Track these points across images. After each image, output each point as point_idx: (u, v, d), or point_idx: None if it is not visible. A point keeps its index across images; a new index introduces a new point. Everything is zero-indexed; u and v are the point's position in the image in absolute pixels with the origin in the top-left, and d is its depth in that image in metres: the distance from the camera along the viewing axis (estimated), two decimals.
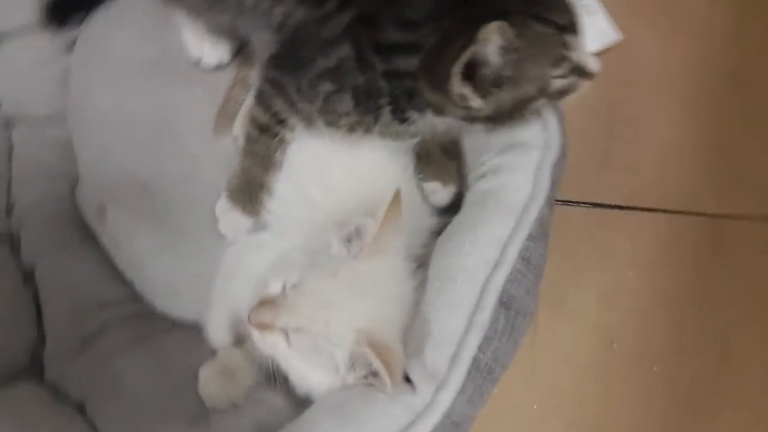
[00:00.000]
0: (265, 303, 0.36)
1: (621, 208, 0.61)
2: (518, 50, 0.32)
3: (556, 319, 0.60)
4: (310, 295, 0.36)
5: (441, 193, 0.44)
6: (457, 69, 0.31)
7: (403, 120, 0.40)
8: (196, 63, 0.49)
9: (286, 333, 0.36)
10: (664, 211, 0.62)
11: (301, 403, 0.40)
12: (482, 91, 0.33)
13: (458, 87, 0.32)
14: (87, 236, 0.52)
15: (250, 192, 0.45)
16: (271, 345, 0.36)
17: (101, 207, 0.50)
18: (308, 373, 0.36)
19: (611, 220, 0.61)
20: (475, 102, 0.33)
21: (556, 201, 0.40)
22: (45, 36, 0.52)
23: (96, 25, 0.52)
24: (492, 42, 0.30)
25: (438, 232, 0.41)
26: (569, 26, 0.34)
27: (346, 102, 0.40)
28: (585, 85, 0.35)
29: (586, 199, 0.61)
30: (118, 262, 0.50)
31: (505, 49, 0.31)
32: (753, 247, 0.62)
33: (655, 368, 0.60)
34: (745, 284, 0.62)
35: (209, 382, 0.43)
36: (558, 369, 0.60)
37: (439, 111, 0.38)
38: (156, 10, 0.48)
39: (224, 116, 0.48)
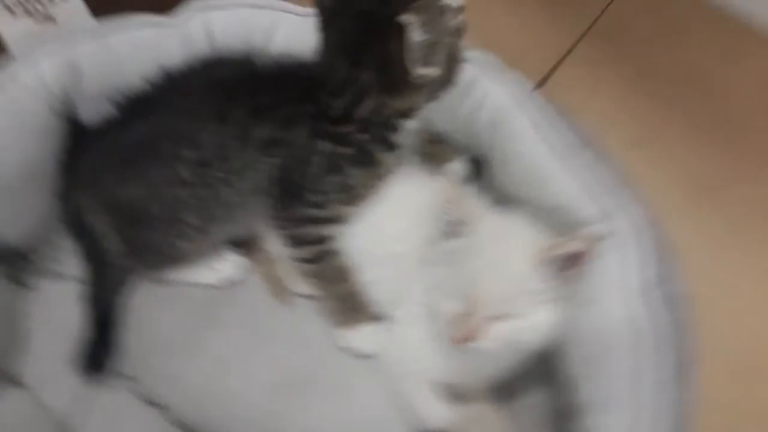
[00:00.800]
0: (452, 322, 0.40)
1: None
2: (427, 21, 0.41)
3: None
4: (472, 284, 0.39)
5: (458, 165, 0.51)
6: (408, 57, 0.39)
7: (392, 147, 0.47)
8: (223, 285, 0.53)
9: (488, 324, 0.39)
10: None
11: None
12: (438, 62, 0.41)
13: (417, 69, 0.40)
14: None
15: (353, 306, 0.49)
16: (492, 338, 0.39)
17: None
18: (533, 322, 0.39)
19: None
20: (432, 70, 0.41)
21: None
22: None
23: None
24: (414, 23, 0.39)
25: None
26: None
27: (354, 175, 0.46)
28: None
29: None
30: None
31: (423, 23, 0.40)
32: None
33: None
34: None
35: None
36: None
37: (409, 112, 0.45)
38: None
39: (280, 291, 0.52)
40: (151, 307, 0.52)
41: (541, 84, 0.65)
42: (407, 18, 0.39)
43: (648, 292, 0.41)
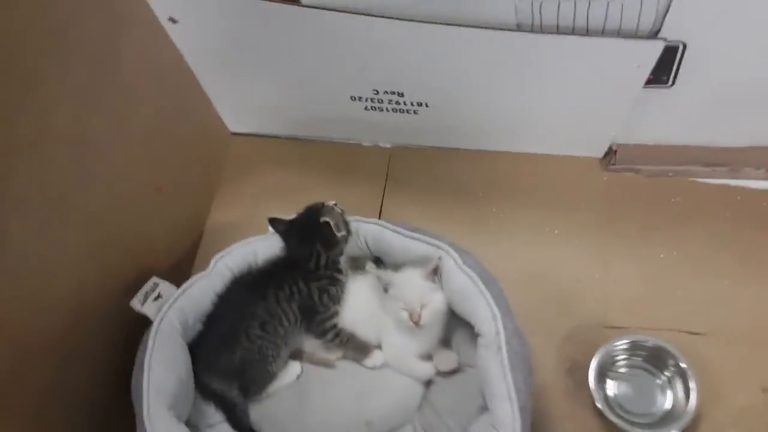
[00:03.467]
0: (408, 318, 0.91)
1: None
2: (332, 215, 0.94)
3: None
4: (406, 299, 0.91)
5: (370, 264, 1.03)
6: (334, 230, 0.92)
7: (340, 271, 0.98)
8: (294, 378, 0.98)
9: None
10: None
11: None
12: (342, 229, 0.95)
13: (338, 233, 0.93)
14: None
15: (362, 347, 0.97)
16: (425, 315, 0.90)
17: None
18: (436, 301, 0.92)
19: None
20: (342, 233, 0.94)
21: None
22: None
23: None
24: (329, 218, 0.92)
25: None
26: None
27: (333, 290, 0.96)
28: None
29: None
30: None
31: (332, 217, 0.93)
32: None
33: None
34: None
35: None
36: None
37: (340, 253, 0.96)
38: None
39: (324, 363, 0.98)
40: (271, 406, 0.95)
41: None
42: (325, 218, 0.93)
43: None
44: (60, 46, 0.79)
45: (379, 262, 1.01)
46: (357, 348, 0.97)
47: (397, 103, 1.14)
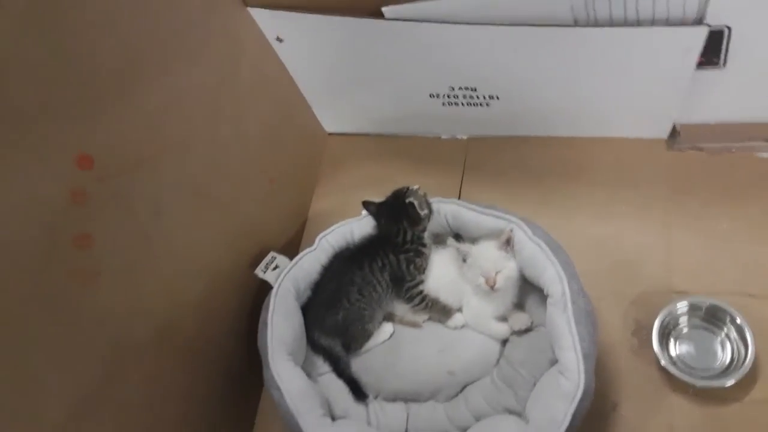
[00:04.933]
0: (485, 283, 1.05)
1: None
2: (416, 197, 1.10)
3: None
4: (482, 266, 1.05)
5: (451, 239, 1.17)
6: (417, 209, 1.08)
7: (425, 244, 1.13)
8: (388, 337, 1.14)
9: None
10: None
11: None
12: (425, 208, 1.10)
13: (421, 212, 1.09)
14: None
15: (445, 310, 1.11)
16: (500, 280, 1.03)
17: None
18: (510, 268, 1.05)
19: None
20: (425, 212, 1.09)
21: None
22: None
23: None
24: (413, 199, 1.08)
25: None
26: None
27: (418, 261, 1.11)
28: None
29: None
30: None
31: (415, 197, 1.09)
32: None
33: None
34: None
35: None
36: None
37: (424, 230, 1.11)
38: None
39: (413, 323, 1.14)
40: (369, 359, 1.12)
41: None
42: (410, 199, 1.09)
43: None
44: (195, 64, 1.00)
45: (458, 237, 1.16)
46: (440, 311, 1.12)
47: (471, 97, 1.28)
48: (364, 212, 1.15)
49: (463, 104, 1.31)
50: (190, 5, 0.99)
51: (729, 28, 1.01)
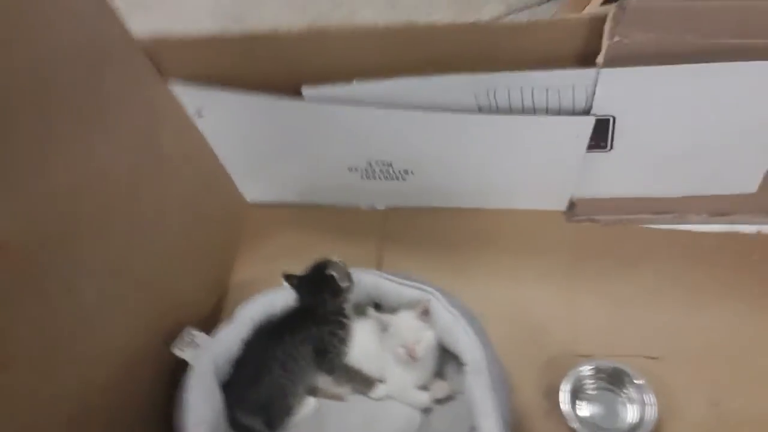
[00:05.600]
0: (405, 354, 1.08)
1: None
2: (336, 269, 1.13)
3: None
4: (403, 337, 1.09)
5: (371, 310, 1.20)
6: (338, 281, 1.11)
7: (347, 316, 1.16)
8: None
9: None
10: None
11: None
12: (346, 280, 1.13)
13: (342, 284, 1.12)
14: None
15: (368, 382, 1.13)
16: (420, 350, 1.07)
17: None
18: (428, 337, 1.09)
19: None
20: (346, 283, 1.12)
21: None
22: None
23: None
24: (334, 273, 1.11)
25: None
26: None
27: (340, 332, 1.13)
28: None
29: None
30: None
31: (336, 271, 1.12)
32: None
33: None
34: None
35: None
36: None
37: (345, 300, 1.14)
38: None
39: (336, 396, 1.14)
40: None
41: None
42: (331, 272, 1.11)
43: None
44: (113, 137, 0.99)
45: (378, 306, 1.19)
46: (363, 382, 1.14)
47: (387, 171, 1.35)
48: (286, 284, 1.16)
49: (380, 177, 1.37)
50: (109, 75, 0.98)
51: (614, 117, 1.14)
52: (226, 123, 1.26)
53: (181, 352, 1.08)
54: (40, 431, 0.81)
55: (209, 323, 1.23)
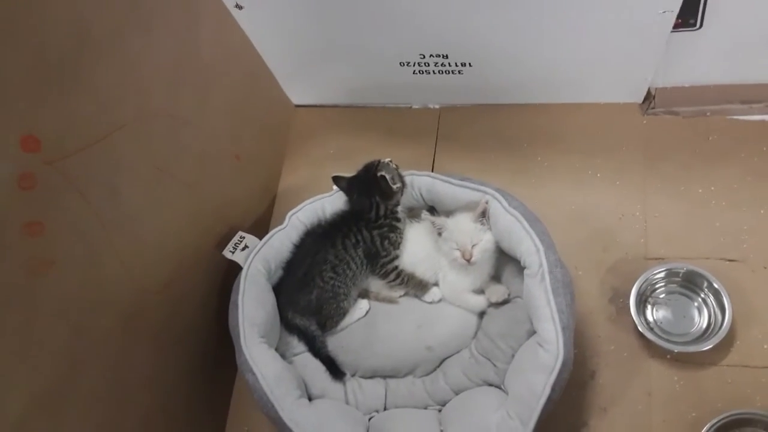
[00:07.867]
0: (461, 256, 1.03)
1: None
2: (387, 170, 1.06)
3: None
4: (457, 240, 1.03)
5: (425, 213, 1.14)
6: (389, 183, 1.05)
7: (398, 219, 1.11)
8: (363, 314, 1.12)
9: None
10: None
11: None
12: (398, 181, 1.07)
13: (393, 186, 1.06)
14: None
15: (422, 285, 1.10)
16: (476, 253, 1.01)
17: None
18: (486, 240, 1.03)
19: None
20: (397, 185, 1.06)
21: None
22: None
23: None
24: (384, 173, 1.04)
25: None
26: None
27: (392, 236, 1.09)
28: None
29: None
30: None
31: (387, 171, 1.06)
32: None
33: None
34: None
35: None
36: None
37: (397, 203, 1.09)
38: None
39: (389, 299, 1.12)
40: (345, 337, 1.10)
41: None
42: (382, 173, 1.05)
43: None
44: (149, 34, 0.94)
45: (432, 210, 1.13)
46: (417, 286, 1.10)
47: (443, 65, 1.24)
48: (335, 187, 1.11)
49: (434, 72, 1.27)
50: None
51: None
52: (267, 16, 1.17)
53: (232, 254, 1.06)
54: (92, 330, 0.83)
55: (260, 227, 1.22)
